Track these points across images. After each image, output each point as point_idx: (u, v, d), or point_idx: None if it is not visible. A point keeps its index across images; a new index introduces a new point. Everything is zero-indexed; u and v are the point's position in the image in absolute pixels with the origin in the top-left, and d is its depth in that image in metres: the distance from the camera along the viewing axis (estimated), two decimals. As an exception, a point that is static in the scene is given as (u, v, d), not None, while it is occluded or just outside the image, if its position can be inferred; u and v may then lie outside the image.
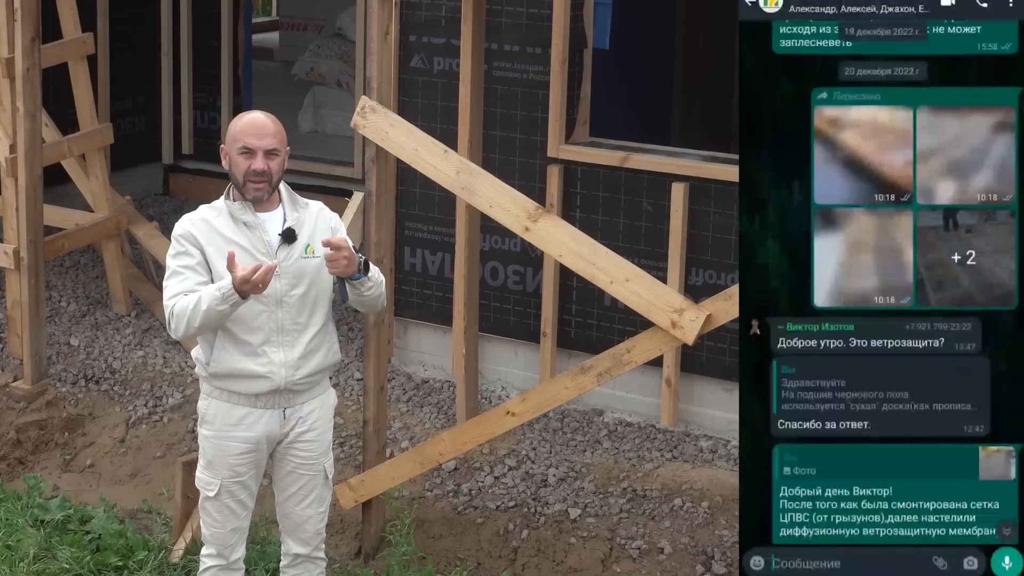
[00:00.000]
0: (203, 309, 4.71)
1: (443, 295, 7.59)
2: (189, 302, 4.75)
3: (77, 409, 7.49)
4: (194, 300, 4.74)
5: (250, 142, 4.84)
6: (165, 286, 4.87)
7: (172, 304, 4.80)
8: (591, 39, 7.30)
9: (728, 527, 6.22)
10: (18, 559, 6.12)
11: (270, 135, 4.86)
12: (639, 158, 7.11)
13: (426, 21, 7.48)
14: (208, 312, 4.71)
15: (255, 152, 4.83)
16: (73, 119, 8.32)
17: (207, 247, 4.84)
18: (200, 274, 4.82)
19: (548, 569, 6.13)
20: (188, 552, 6.11)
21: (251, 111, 5.00)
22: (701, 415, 7.11)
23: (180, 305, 4.77)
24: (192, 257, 4.83)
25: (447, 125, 7.20)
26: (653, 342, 5.50)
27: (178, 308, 4.78)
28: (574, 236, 5.61)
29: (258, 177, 4.83)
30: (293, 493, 5.11)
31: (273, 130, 4.88)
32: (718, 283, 6.86)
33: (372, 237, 5.98)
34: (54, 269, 8.90)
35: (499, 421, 5.89)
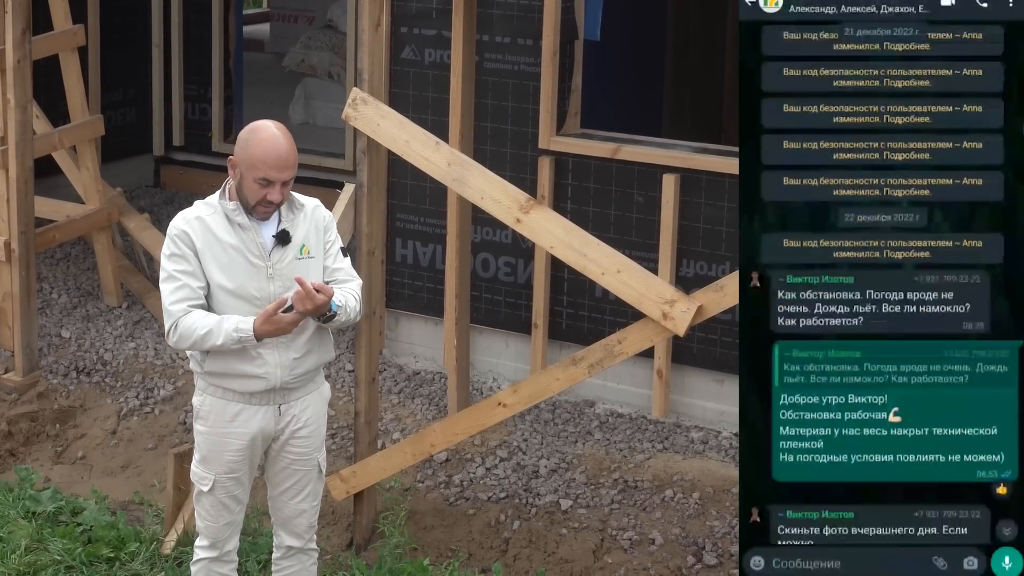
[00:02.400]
0: (217, 343, 4.76)
1: (434, 287, 7.60)
2: (199, 326, 4.75)
3: (68, 401, 7.48)
4: (205, 328, 4.75)
5: (271, 175, 4.74)
6: (163, 289, 4.85)
7: (178, 316, 4.79)
8: (582, 31, 7.31)
9: (719, 518, 6.23)
10: (9, 551, 6.13)
11: (290, 167, 4.77)
12: (630, 149, 7.11)
13: (417, 12, 7.48)
14: (221, 347, 4.77)
15: (274, 184, 4.77)
16: (64, 111, 8.31)
17: (201, 248, 4.82)
18: (199, 279, 4.81)
19: (539, 560, 6.14)
20: (180, 543, 6.12)
21: (270, 129, 4.80)
22: (692, 406, 7.12)
23: (188, 324, 4.77)
24: (187, 262, 4.81)
25: (438, 117, 7.20)
26: (644, 333, 5.51)
27: (185, 326, 4.77)
28: (565, 228, 5.62)
29: (270, 204, 4.82)
30: (287, 488, 5.11)
31: (293, 161, 4.77)
32: (709, 274, 6.87)
33: (363, 229, 5.98)
34: (45, 261, 8.89)
35: (490, 412, 5.90)
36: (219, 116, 10.32)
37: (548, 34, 7.09)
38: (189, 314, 4.79)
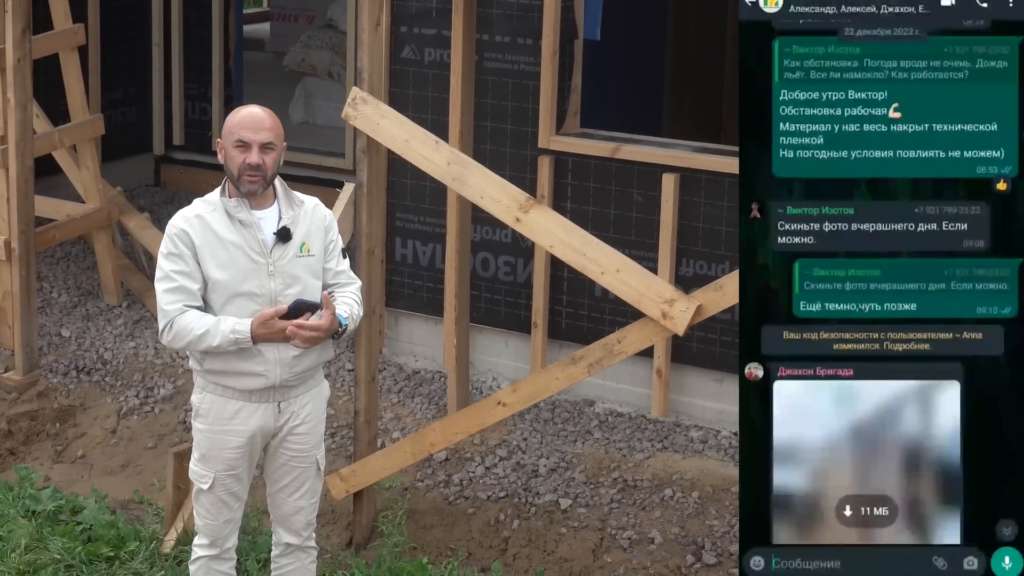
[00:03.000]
0: (213, 344, 4.77)
1: (434, 286, 7.60)
2: (195, 326, 4.77)
3: (68, 400, 7.49)
4: (202, 328, 4.76)
5: (245, 135, 4.81)
6: (158, 288, 4.85)
7: (174, 315, 4.80)
8: (582, 30, 7.31)
9: (718, 517, 6.24)
10: (9, 550, 6.13)
11: (266, 129, 4.83)
12: (630, 149, 7.11)
13: (417, 12, 7.48)
14: (217, 348, 4.79)
15: (250, 146, 4.80)
16: (64, 110, 8.32)
17: (200, 247, 4.82)
18: (196, 280, 4.82)
19: (539, 559, 6.14)
20: (179, 542, 6.12)
21: (247, 105, 4.97)
22: (692, 405, 7.12)
23: (183, 324, 4.78)
24: (185, 262, 4.81)
25: (438, 116, 7.21)
26: (644, 332, 5.51)
27: (180, 326, 4.79)
28: (565, 227, 5.62)
29: (253, 171, 4.81)
30: (285, 485, 5.12)
31: (269, 124, 4.85)
32: (708, 274, 6.87)
33: (363, 228, 5.98)
34: (45, 260, 8.90)
35: (490, 411, 5.90)
36: (219, 115, 10.33)
37: (548, 33, 7.10)
38: (185, 314, 4.79)
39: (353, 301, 5.01)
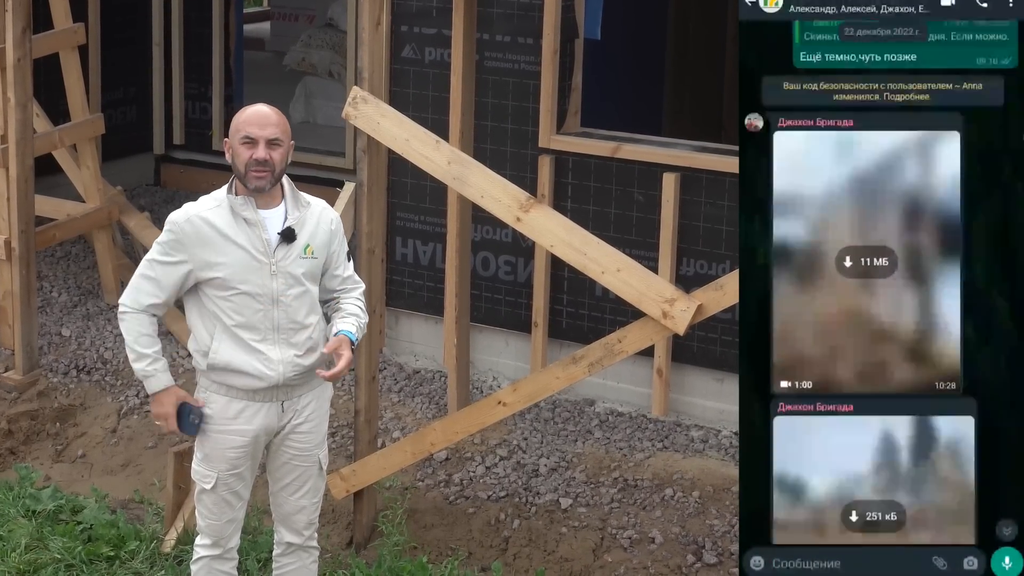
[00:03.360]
0: (132, 362, 4.96)
1: (434, 285, 7.60)
2: (135, 336, 4.90)
3: (69, 399, 7.49)
4: (136, 345, 4.90)
5: (252, 131, 4.82)
6: (139, 268, 4.93)
7: (134, 308, 4.91)
8: (583, 29, 7.31)
9: (719, 517, 6.24)
10: (9, 549, 6.13)
11: (273, 125, 4.85)
12: (630, 148, 7.11)
13: (417, 11, 7.48)
14: (132, 363, 4.97)
15: (257, 141, 4.81)
16: (64, 109, 8.32)
17: (198, 245, 4.82)
18: (172, 285, 4.87)
19: (539, 559, 6.14)
20: (180, 542, 6.12)
21: (255, 104, 4.99)
22: (692, 405, 7.12)
23: (131, 326, 4.91)
24: (171, 257, 4.84)
25: (438, 115, 7.20)
26: (644, 332, 5.51)
27: (128, 325, 4.92)
28: (565, 226, 5.62)
29: (260, 167, 4.81)
30: (287, 484, 5.12)
31: (276, 120, 4.87)
32: (709, 273, 6.87)
33: (363, 227, 5.98)
34: (45, 259, 8.90)
35: (490, 411, 5.90)
36: (219, 115, 10.32)
37: (548, 33, 7.09)
38: (139, 317, 4.91)
39: (359, 309, 5.03)
